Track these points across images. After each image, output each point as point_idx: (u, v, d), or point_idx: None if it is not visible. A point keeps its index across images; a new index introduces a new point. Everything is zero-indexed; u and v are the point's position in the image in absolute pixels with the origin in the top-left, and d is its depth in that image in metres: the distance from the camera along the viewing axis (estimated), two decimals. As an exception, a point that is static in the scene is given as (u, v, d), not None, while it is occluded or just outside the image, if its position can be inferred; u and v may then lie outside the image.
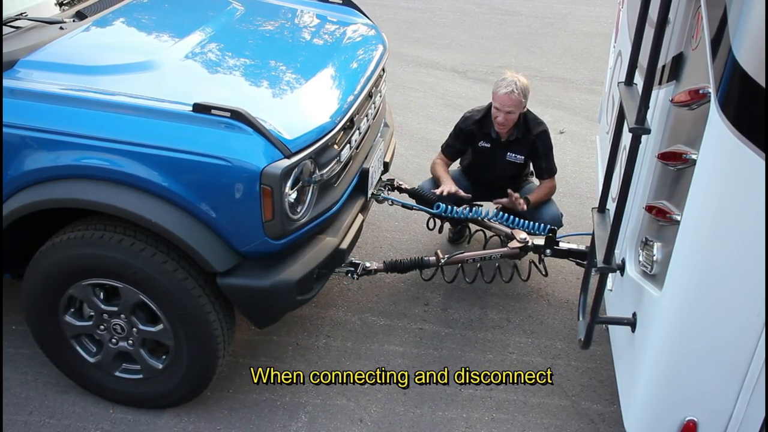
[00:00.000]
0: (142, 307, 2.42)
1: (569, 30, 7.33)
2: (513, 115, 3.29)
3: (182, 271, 2.29)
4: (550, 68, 6.22)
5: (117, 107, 2.21)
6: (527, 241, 3.15)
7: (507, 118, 3.30)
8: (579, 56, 6.56)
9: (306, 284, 2.41)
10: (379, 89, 3.15)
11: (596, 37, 7.06)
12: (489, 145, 3.46)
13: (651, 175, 2.15)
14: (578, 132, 5.18)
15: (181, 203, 2.20)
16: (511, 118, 3.30)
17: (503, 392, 2.85)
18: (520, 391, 2.86)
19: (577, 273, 3.55)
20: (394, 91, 5.57)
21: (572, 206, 4.20)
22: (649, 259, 2.04)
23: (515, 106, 3.26)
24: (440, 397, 2.81)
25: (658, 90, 2.08)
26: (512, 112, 3.28)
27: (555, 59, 6.45)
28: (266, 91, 2.57)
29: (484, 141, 3.46)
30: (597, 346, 3.01)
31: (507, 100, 3.25)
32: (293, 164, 2.21)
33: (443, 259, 3.15)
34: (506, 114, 3.28)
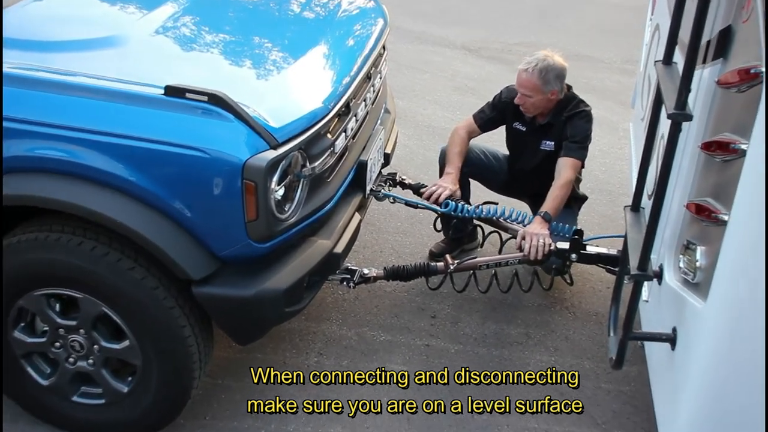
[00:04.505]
0: (104, 320, 2.41)
1: (597, 2, 7.33)
2: (530, 99, 3.27)
3: (152, 279, 2.29)
4: (575, 46, 6.22)
5: (76, 90, 2.20)
6: (550, 245, 3.14)
7: (524, 100, 3.29)
8: (609, 32, 6.57)
9: (295, 294, 2.41)
10: (379, 70, 3.15)
11: (629, 9, 7.06)
12: (524, 128, 3.45)
13: (693, 167, 2.14)
14: (609, 119, 5.18)
15: (150, 201, 2.19)
16: (529, 102, 3.29)
17: (522, 419, 2.84)
18: (541, 419, 2.85)
19: (607, 281, 3.54)
20: (396, 72, 5.57)
21: (602, 204, 4.19)
22: (691, 265, 2.04)
23: (530, 88, 3.24)
24: (449, 425, 2.80)
25: (701, 69, 2.08)
26: (528, 95, 3.26)
27: (581, 35, 6.46)
28: (249, 71, 2.56)
29: (520, 122, 3.46)
30: (631, 366, 3.01)
31: (521, 79, 3.25)
32: (280, 156, 2.21)
33: (452, 265, 3.14)
34: (522, 95, 3.28)
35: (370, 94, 2.98)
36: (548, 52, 3.29)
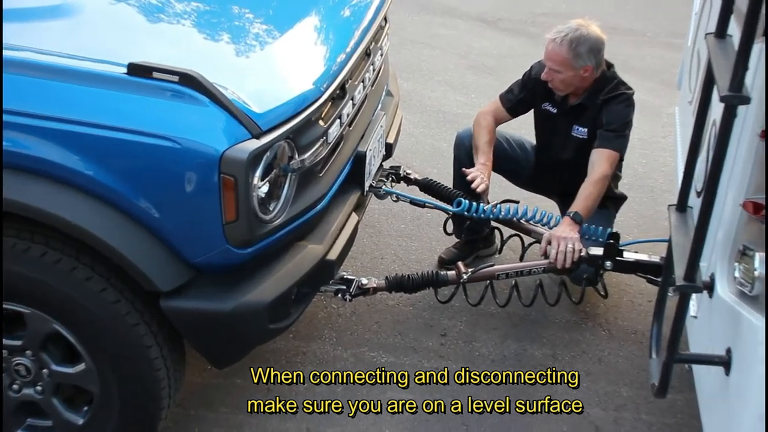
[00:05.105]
0: (56, 340, 2.40)
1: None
2: (558, 75, 3.27)
3: (113, 291, 2.28)
4: (612, 17, 6.23)
5: (19, 67, 2.18)
6: (580, 251, 3.13)
7: (551, 76, 3.30)
8: (652, 0, 6.57)
9: (281, 308, 2.41)
10: (379, 45, 3.15)
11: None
12: (554, 110, 3.46)
13: (751, 159, 2.14)
14: (650, 102, 5.18)
15: (111, 199, 2.18)
16: (558, 79, 3.29)
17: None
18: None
19: (648, 293, 3.54)
20: (400, 49, 5.58)
21: (642, 203, 4.19)
22: (748, 274, 2.03)
23: (558, 62, 3.24)
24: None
25: (761, 43, 2.06)
26: (557, 70, 3.26)
27: (620, 5, 6.47)
28: (227, 47, 2.56)
29: (550, 103, 3.47)
30: (677, 393, 3.00)
31: (548, 51, 3.26)
32: (264, 146, 2.21)
33: (466, 274, 3.15)
34: (550, 70, 3.28)
35: (369, 73, 2.99)
36: (583, 21, 3.29)
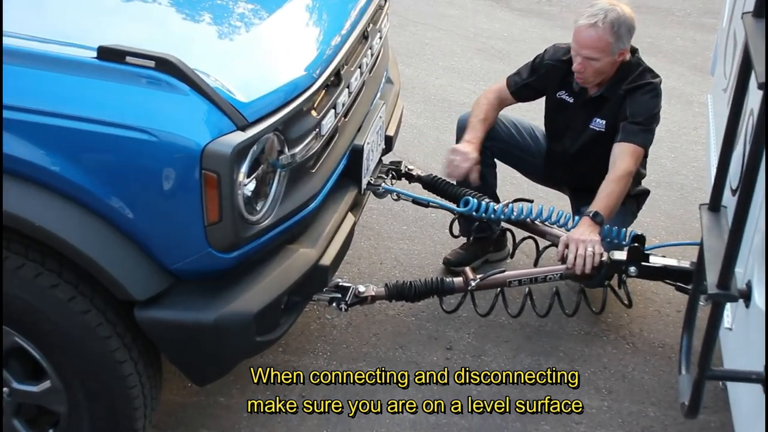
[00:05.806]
0: (18, 355, 2.40)
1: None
2: (596, 63, 3.24)
3: (82, 300, 2.28)
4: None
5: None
6: (601, 255, 3.14)
7: (585, 66, 3.26)
8: (679, -24, 6.59)
9: (269, 319, 2.41)
10: (378, 27, 3.15)
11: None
12: (571, 99, 3.47)
13: (791, 154, 2.13)
14: (680, 89, 5.19)
15: (79, 197, 2.19)
16: (593, 69, 3.27)
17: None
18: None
19: (677, 303, 3.54)
20: (401, 31, 5.58)
21: (670, 202, 4.19)
22: (788, 281, 2.03)
23: (600, 48, 3.21)
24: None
25: (802, 25, 2.07)
26: (595, 58, 3.23)
27: (643, -19, 6.47)
28: (209, 29, 2.57)
29: (566, 92, 3.47)
30: (710, 413, 3.01)
31: (586, 37, 3.22)
32: (250, 139, 2.21)
33: (474, 280, 3.15)
34: (585, 59, 3.25)
35: (366, 58, 2.99)
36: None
